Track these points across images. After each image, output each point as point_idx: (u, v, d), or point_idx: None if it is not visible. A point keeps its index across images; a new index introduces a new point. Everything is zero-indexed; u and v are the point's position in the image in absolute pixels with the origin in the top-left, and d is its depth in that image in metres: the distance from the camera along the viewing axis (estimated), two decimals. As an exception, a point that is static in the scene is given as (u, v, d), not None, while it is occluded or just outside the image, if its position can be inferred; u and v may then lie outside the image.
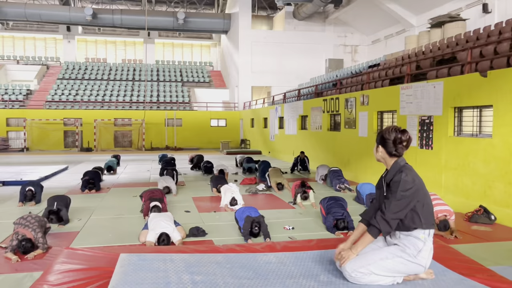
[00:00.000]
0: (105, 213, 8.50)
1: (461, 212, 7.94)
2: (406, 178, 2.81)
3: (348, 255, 2.78)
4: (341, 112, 14.05)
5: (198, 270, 2.75)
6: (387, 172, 3.02)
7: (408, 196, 2.77)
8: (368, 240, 2.79)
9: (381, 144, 3.02)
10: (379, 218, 2.77)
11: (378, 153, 3.07)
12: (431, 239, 2.82)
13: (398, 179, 2.83)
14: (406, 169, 2.91)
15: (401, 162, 2.96)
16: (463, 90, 8.43)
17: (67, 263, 3.14)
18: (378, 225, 2.76)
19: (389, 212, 2.74)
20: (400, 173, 2.86)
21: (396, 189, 2.79)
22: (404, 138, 2.93)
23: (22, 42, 38.65)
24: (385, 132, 3.02)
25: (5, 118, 27.69)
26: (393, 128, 3.02)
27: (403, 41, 21.99)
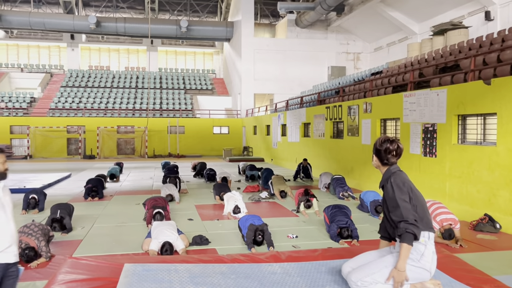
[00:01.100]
0: (108, 221, 8.48)
1: (465, 221, 7.89)
2: (396, 182, 2.92)
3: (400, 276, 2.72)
4: (344, 119, 14.04)
5: (203, 280, 2.73)
6: (381, 179, 3.16)
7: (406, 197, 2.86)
8: (407, 250, 2.76)
9: (375, 154, 3.17)
10: (404, 225, 2.77)
11: (374, 161, 3.21)
12: (432, 242, 2.84)
13: (389, 186, 2.95)
14: (395, 175, 3.01)
15: (393, 169, 3.07)
16: (467, 98, 8.41)
17: (71, 273, 3.12)
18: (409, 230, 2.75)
19: (407, 217, 2.80)
20: (389, 179, 2.98)
21: (392, 195, 2.88)
22: (392, 148, 3.05)
23: (26, 50, 38.91)
24: (377, 142, 3.19)
25: (8, 126, 27.80)
26: (383, 138, 3.16)
27: (406, 49, 22.01)
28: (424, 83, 11.59)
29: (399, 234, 2.77)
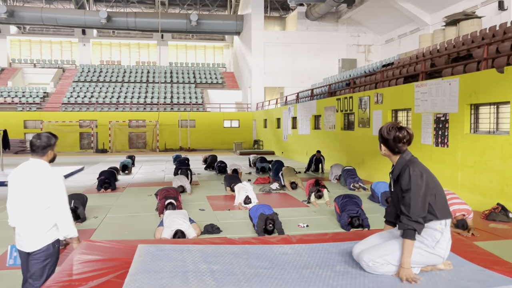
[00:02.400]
0: (121, 211, 8.60)
1: (478, 210, 7.83)
2: (415, 173, 2.78)
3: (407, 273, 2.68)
4: (354, 111, 13.99)
5: (215, 260, 2.78)
6: (394, 168, 3.01)
7: (421, 191, 2.73)
8: (410, 245, 2.71)
9: (383, 143, 3.00)
10: (406, 221, 2.71)
11: (382, 151, 3.06)
12: (449, 229, 2.80)
13: (406, 176, 2.80)
14: (412, 163, 2.86)
15: (406, 156, 2.93)
16: (480, 87, 8.32)
17: (86, 254, 3.20)
18: (410, 227, 2.70)
19: (413, 213, 2.69)
20: (407, 169, 2.82)
21: (408, 186, 2.76)
22: (402, 136, 2.89)
23: (38, 46, 39.33)
24: (383, 131, 2.98)
25: (22, 121, 28.20)
26: (390, 126, 2.96)
27: (417, 40, 21.78)
28: (436, 73, 11.48)
29: (401, 228, 2.74)
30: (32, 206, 3.23)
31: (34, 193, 3.22)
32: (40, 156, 3.30)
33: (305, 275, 2.62)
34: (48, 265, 3.33)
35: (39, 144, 3.27)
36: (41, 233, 3.26)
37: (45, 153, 3.30)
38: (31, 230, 3.25)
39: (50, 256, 3.32)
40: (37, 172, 3.26)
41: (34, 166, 3.29)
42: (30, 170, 3.28)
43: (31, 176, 3.25)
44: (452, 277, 2.66)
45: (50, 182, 3.25)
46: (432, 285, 2.53)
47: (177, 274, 2.54)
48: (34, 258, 3.27)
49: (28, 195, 3.23)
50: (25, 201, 3.23)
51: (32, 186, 3.23)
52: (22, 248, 3.30)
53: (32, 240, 3.25)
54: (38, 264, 3.27)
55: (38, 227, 3.25)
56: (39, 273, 3.28)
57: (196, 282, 2.43)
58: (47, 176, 3.26)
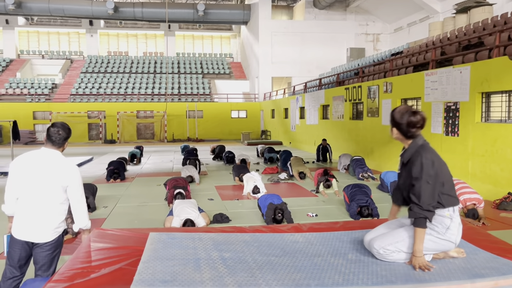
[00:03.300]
0: (130, 201, 8.66)
1: (489, 200, 7.77)
2: (427, 162, 2.72)
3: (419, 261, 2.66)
4: (363, 100, 13.88)
5: (227, 248, 2.79)
6: (405, 151, 2.94)
7: (432, 180, 2.69)
8: (422, 233, 2.68)
9: (395, 127, 2.91)
10: (417, 210, 2.68)
11: (394, 134, 2.97)
12: (457, 214, 2.77)
13: (418, 164, 2.74)
14: (424, 150, 2.80)
15: (419, 141, 2.86)
16: (491, 75, 8.20)
17: (99, 242, 3.22)
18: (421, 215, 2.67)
19: (423, 203, 2.66)
20: (419, 156, 2.76)
21: (419, 175, 2.71)
22: (416, 120, 2.81)
23: (46, 37, 39.43)
24: (396, 115, 2.88)
25: (31, 112, 28.41)
26: (404, 110, 2.86)
27: (427, 29, 21.47)
28: (446, 62, 11.33)
29: (412, 217, 2.71)
30: (51, 197, 3.18)
31: (54, 185, 3.17)
32: (57, 147, 3.25)
33: (317, 263, 2.61)
34: (57, 255, 3.35)
35: (61, 135, 3.23)
36: (55, 224, 3.24)
37: (63, 144, 3.28)
38: (46, 221, 3.19)
39: (59, 246, 3.34)
40: (57, 163, 3.21)
41: (51, 157, 3.22)
42: (48, 160, 3.20)
43: (51, 167, 3.18)
44: (466, 265, 2.64)
45: (71, 174, 3.23)
46: (445, 272, 2.52)
47: (189, 261, 2.55)
48: (44, 250, 3.23)
49: (46, 186, 3.16)
50: (42, 192, 3.16)
51: (51, 177, 3.16)
52: (28, 238, 3.20)
53: (46, 232, 3.20)
54: (48, 255, 3.26)
55: (54, 219, 3.22)
56: (48, 264, 3.29)
57: (208, 269, 2.44)
58: (68, 168, 3.24)
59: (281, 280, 2.36)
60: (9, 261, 3.28)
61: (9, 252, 3.26)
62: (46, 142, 3.27)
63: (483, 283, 2.42)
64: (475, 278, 2.44)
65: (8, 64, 35.32)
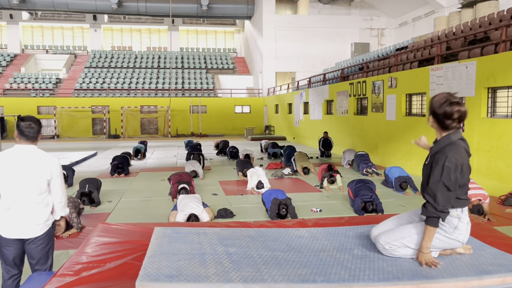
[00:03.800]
0: (135, 195, 8.67)
1: (494, 196, 7.73)
2: (449, 165, 2.57)
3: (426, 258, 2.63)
4: (368, 95, 13.82)
5: (232, 242, 2.78)
6: (435, 143, 2.76)
7: (451, 185, 2.59)
8: (432, 232, 2.63)
9: (432, 115, 2.71)
10: (432, 210, 2.60)
11: (430, 122, 2.77)
12: (466, 214, 2.71)
13: (440, 165, 2.60)
14: (452, 150, 2.60)
15: (452, 137, 2.65)
16: (498, 70, 8.13)
17: (103, 236, 3.22)
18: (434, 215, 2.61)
19: (438, 204, 2.59)
20: (444, 156, 2.60)
21: (438, 176, 2.59)
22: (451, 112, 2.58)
23: (50, 32, 39.45)
24: (435, 103, 2.67)
25: (36, 106, 28.47)
26: (443, 99, 2.63)
27: (432, 23, 21.34)
28: (452, 57, 11.25)
29: (426, 215, 2.65)
30: (36, 192, 3.18)
31: (38, 180, 3.17)
32: (32, 142, 3.22)
33: (322, 258, 2.60)
34: (52, 248, 3.38)
35: (34, 129, 3.20)
36: (45, 217, 3.26)
37: (37, 138, 3.24)
38: (36, 216, 3.20)
39: (51, 238, 3.37)
40: (38, 158, 3.21)
41: (29, 152, 3.20)
42: (28, 157, 3.18)
43: (32, 162, 3.17)
44: (473, 261, 2.62)
45: (54, 166, 3.25)
46: (453, 269, 2.50)
47: (195, 256, 2.54)
48: (38, 244, 3.24)
49: (31, 182, 3.16)
50: (27, 188, 3.16)
51: (35, 173, 3.16)
52: (19, 236, 3.19)
53: (36, 226, 3.21)
54: (42, 248, 3.27)
55: (42, 212, 3.23)
56: (45, 257, 3.32)
57: (214, 264, 2.44)
58: (50, 161, 3.25)
59: (287, 275, 2.35)
60: (4, 262, 3.29)
61: (2, 253, 3.26)
62: (19, 138, 3.20)
63: (490, 279, 2.40)
64: (482, 275, 2.42)
65: (13, 59, 35.39)
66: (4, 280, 3.32)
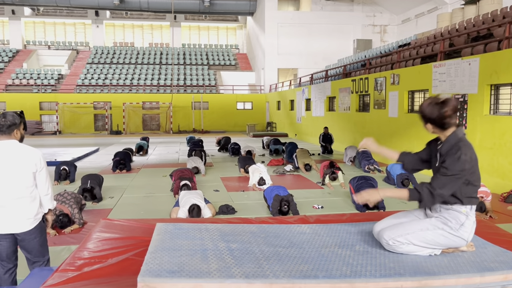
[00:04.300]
0: (137, 191, 8.68)
1: (496, 193, 7.71)
2: (465, 158, 2.56)
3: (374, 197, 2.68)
4: (370, 92, 13.79)
5: (233, 238, 2.78)
6: (442, 144, 2.75)
7: (461, 176, 2.59)
8: (401, 194, 2.68)
9: (429, 122, 2.73)
10: (426, 189, 2.62)
11: (430, 130, 2.78)
12: (474, 213, 2.71)
13: (456, 157, 2.58)
14: (464, 145, 2.62)
15: (459, 133, 2.68)
16: (501, 67, 8.10)
17: (105, 232, 3.23)
18: (422, 193, 2.61)
19: (439, 188, 2.57)
20: (458, 150, 2.59)
21: (452, 167, 2.58)
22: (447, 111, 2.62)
23: (52, 28, 39.45)
24: (424, 110, 2.70)
25: (38, 102, 28.51)
26: (430, 103, 2.67)
27: (435, 20, 21.25)
28: (455, 53, 11.20)
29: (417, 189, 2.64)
30: (24, 186, 3.19)
31: (24, 173, 3.18)
32: (8, 136, 3.20)
33: (324, 254, 2.60)
34: (44, 240, 3.42)
35: (3, 123, 3.18)
36: (35, 211, 3.28)
37: (11, 132, 3.21)
38: (26, 210, 3.22)
39: (43, 231, 3.41)
40: (21, 152, 3.21)
41: (11, 147, 3.20)
42: (10, 151, 3.18)
43: (16, 156, 3.17)
44: (475, 258, 2.62)
45: (38, 159, 3.26)
46: (454, 266, 2.50)
47: (196, 252, 2.54)
48: (32, 237, 3.27)
49: (18, 176, 3.16)
50: (15, 182, 3.16)
51: (20, 167, 3.17)
52: (11, 231, 3.20)
53: (27, 220, 3.23)
54: (37, 241, 3.32)
55: (32, 206, 3.25)
56: (41, 249, 3.37)
57: (215, 260, 2.44)
58: (34, 154, 3.25)
59: (288, 271, 2.35)
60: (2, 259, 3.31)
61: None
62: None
63: (492, 276, 2.40)
64: (484, 272, 2.42)
65: (15, 55, 35.42)
66: (1, 274, 3.33)
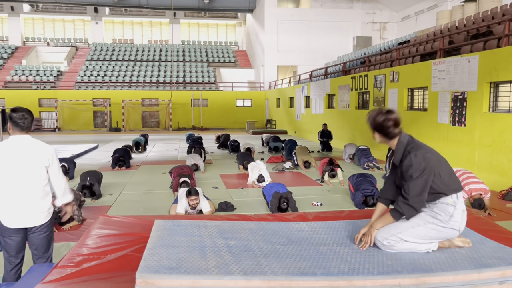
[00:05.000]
0: (136, 188, 8.69)
1: (495, 190, 7.72)
2: (416, 159, 2.66)
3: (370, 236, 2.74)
4: (369, 89, 13.79)
5: (232, 235, 2.79)
6: (393, 153, 2.88)
7: (424, 175, 2.66)
8: (389, 220, 2.75)
9: (376, 131, 2.87)
10: (401, 204, 2.70)
11: (377, 139, 2.92)
12: (462, 201, 2.75)
13: (408, 162, 2.69)
14: (413, 147, 2.73)
15: (403, 139, 2.80)
16: (500, 64, 8.10)
17: (104, 228, 3.24)
18: (401, 210, 2.70)
19: (412, 197, 2.65)
20: (409, 155, 2.70)
21: (410, 172, 2.67)
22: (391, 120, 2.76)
23: (51, 24, 39.34)
24: (372, 120, 2.85)
25: (37, 99, 28.47)
26: (376, 112, 2.83)
27: (435, 18, 21.22)
28: (454, 51, 11.20)
29: (395, 207, 2.73)
30: (37, 180, 3.26)
31: (37, 168, 3.25)
32: (26, 131, 3.30)
33: (322, 252, 2.61)
34: (52, 235, 3.49)
35: (28, 119, 3.28)
36: (48, 205, 3.35)
37: (30, 128, 3.33)
38: (39, 204, 3.28)
39: (52, 226, 3.48)
40: (34, 147, 3.28)
41: (25, 142, 3.27)
42: (25, 146, 3.24)
43: (30, 152, 3.24)
44: (473, 254, 2.62)
45: (50, 153, 3.33)
46: (452, 262, 2.50)
47: (195, 249, 2.55)
48: (42, 232, 3.34)
49: (31, 171, 3.23)
50: (28, 177, 3.22)
51: (33, 161, 3.24)
52: (23, 225, 3.25)
53: (40, 214, 3.30)
54: (46, 236, 3.38)
55: (44, 200, 3.32)
56: (47, 245, 3.42)
57: (214, 257, 2.44)
58: (46, 148, 3.34)
59: (287, 268, 2.36)
60: (7, 253, 3.34)
61: (5, 244, 3.30)
62: (13, 129, 3.26)
63: (489, 273, 2.40)
64: (481, 268, 2.42)
65: (14, 51, 35.34)
66: (7, 271, 3.36)
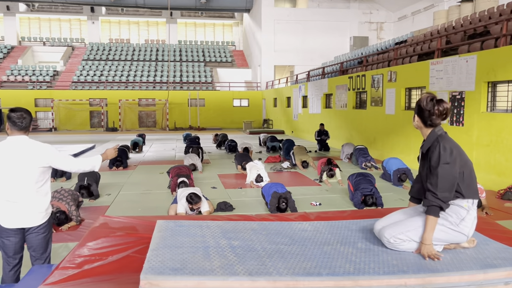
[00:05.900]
0: (134, 188, 8.65)
1: (493, 190, 7.74)
2: (445, 150, 2.65)
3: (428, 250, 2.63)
4: (367, 89, 13.79)
5: (235, 236, 2.77)
6: (424, 142, 2.87)
7: (450, 169, 2.62)
8: (433, 222, 2.65)
9: (418, 114, 2.84)
10: (432, 198, 2.64)
11: (415, 122, 2.89)
12: (475, 208, 2.72)
13: (436, 152, 2.67)
14: (443, 139, 2.72)
15: (438, 131, 2.78)
16: (498, 64, 8.12)
17: (105, 229, 3.21)
18: (435, 203, 2.63)
19: (439, 190, 2.61)
20: (437, 144, 2.69)
21: (436, 163, 2.65)
22: (439, 109, 2.72)
23: (47, 24, 39.14)
24: (422, 101, 2.81)
25: (33, 99, 28.31)
26: (429, 97, 2.78)
27: (431, 17, 21.28)
28: (452, 51, 11.22)
29: (426, 205, 2.68)
30: (35, 181, 3.23)
31: (35, 169, 3.22)
32: (24, 132, 3.28)
33: (326, 252, 2.59)
34: (50, 236, 3.47)
35: (27, 119, 3.26)
36: (45, 206, 3.33)
37: (29, 128, 3.32)
38: (37, 205, 3.26)
39: (51, 228, 3.46)
40: (32, 148, 3.25)
41: (23, 143, 3.24)
42: (22, 147, 3.22)
43: (27, 153, 3.21)
44: (478, 255, 2.61)
45: (49, 152, 3.30)
46: (457, 263, 2.49)
47: (198, 249, 2.53)
48: (40, 233, 3.32)
49: (29, 172, 3.20)
50: (26, 178, 3.20)
51: (31, 162, 3.21)
52: (22, 225, 3.24)
53: (38, 215, 3.27)
54: (44, 237, 3.35)
55: (43, 200, 3.30)
56: (45, 246, 3.39)
57: (218, 257, 2.42)
58: (44, 148, 3.30)
59: (292, 268, 2.34)
60: (5, 254, 3.32)
61: (3, 245, 3.28)
62: (11, 129, 3.25)
63: (495, 273, 2.39)
64: (487, 269, 2.41)
65: (10, 51, 35.14)
66: (6, 272, 3.33)
